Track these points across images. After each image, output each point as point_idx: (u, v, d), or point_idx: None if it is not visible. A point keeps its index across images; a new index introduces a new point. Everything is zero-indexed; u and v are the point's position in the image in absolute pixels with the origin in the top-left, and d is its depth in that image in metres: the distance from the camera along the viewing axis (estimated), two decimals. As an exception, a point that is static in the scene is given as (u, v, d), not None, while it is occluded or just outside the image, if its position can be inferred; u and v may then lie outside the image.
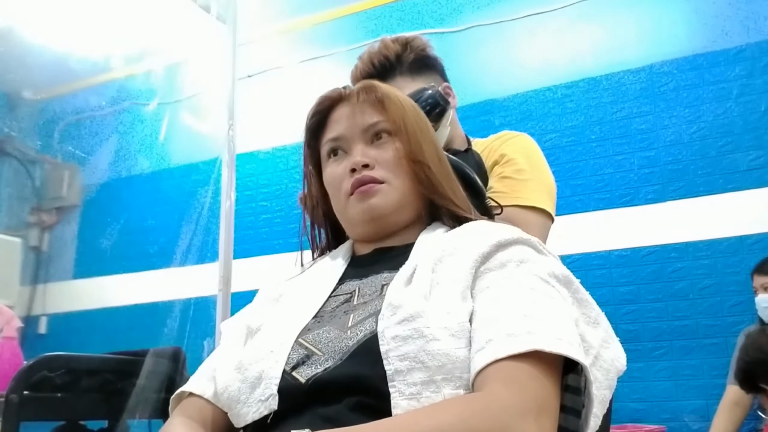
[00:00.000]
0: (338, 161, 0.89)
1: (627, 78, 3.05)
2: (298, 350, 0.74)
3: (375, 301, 0.76)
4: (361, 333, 0.72)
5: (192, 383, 0.83)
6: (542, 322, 0.67)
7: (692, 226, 2.80)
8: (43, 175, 4.39)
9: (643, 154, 2.95)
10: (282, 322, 0.80)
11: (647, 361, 2.76)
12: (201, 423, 0.79)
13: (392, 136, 0.88)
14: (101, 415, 1.79)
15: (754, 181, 2.74)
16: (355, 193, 0.86)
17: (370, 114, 0.88)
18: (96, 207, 4.23)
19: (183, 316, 2.83)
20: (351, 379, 0.68)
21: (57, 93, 4.41)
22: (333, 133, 0.90)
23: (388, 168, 0.86)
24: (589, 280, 2.83)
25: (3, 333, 1.84)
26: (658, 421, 2.66)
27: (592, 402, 0.67)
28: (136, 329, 3.45)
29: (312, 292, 0.85)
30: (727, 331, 2.65)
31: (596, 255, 2.92)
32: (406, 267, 0.78)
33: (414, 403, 0.64)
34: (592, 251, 2.93)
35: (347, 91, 0.92)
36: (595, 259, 2.92)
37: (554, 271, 0.75)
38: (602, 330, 0.74)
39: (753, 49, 2.85)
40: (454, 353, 0.66)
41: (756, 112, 2.81)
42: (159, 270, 3.76)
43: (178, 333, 2.60)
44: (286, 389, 0.71)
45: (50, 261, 4.29)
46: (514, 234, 0.79)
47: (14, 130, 4.26)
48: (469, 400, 0.63)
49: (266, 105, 3.75)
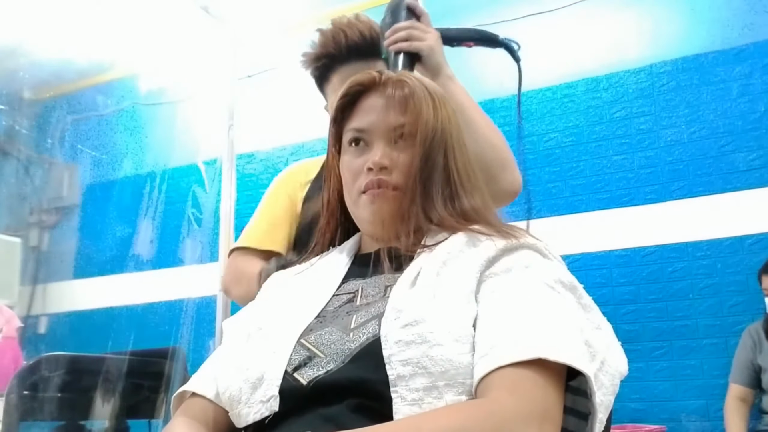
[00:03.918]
0: (358, 153, 0.87)
1: (627, 78, 3.05)
2: (300, 351, 0.73)
3: (378, 303, 0.76)
4: (364, 336, 0.71)
5: (194, 383, 0.82)
6: (546, 329, 0.66)
7: (692, 226, 2.80)
8: (43, 175, 4.39)
9: (643, 154, 2.95)
10: (284, 322, 0.79)
11: (647, 361, 2.76)
12: (203, 423, 0.78)
13: (415, 140, 0.85)
14: (101, 415, 1.79)
15: (754, 181, 2.74)
16: (368, 193, 0.84)
17: (398, 113, 0.85)
18: (96, 207, 4.23)
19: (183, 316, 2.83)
20: (353, 382, 0.68)
21: (57, 93, 4.41)
22: (359, 122, 0.88)
23: (405, 173, 0.84)
24: (589, 280, 2.83)
25: (3, 333, 1.84)
26: (658, 421, 2.66)
27: (598, 409, 0.66)
28: (137, 329, 3.45)
29: (315, 291, 0.84)
30: (727, 331, 2.65)
31: (596, 255, 2.92)
32: (411, 269, 0.77)
33: (416, 408, 0.64)
34: (592, 251, 2.93)
35: (382, 78, 0.88)
36: (595, 259, 2.92)
37: (560, 277, 0.75)
38: (606, 335, 0.74)
39: (753, 49, 2.86)
40: (458, 359, 0.66)
41: (756, 112, 2.81)
42: (159, 270, 3.76)
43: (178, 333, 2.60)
44: (288, 391, 0.70)
45: (50, 261, 4.29)
46: (520, 238, 0.78)
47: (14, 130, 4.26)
48: (472, 406, 0.63)
49: (266, 105, 3.75)
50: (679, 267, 2.80)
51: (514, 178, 1.24)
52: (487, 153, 1.19)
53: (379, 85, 0.88)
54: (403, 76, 0.89)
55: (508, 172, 1.23)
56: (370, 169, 0.84)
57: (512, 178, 1.24)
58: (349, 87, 0.90)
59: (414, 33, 1.23)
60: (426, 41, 1.23)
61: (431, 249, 0.79)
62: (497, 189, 1.21)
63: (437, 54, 1.24)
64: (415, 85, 0.87)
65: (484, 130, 1.22)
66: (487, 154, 1.19)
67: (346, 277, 0.86)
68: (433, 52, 1.24)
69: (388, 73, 0.90)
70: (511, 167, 1.24)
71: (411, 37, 1.23)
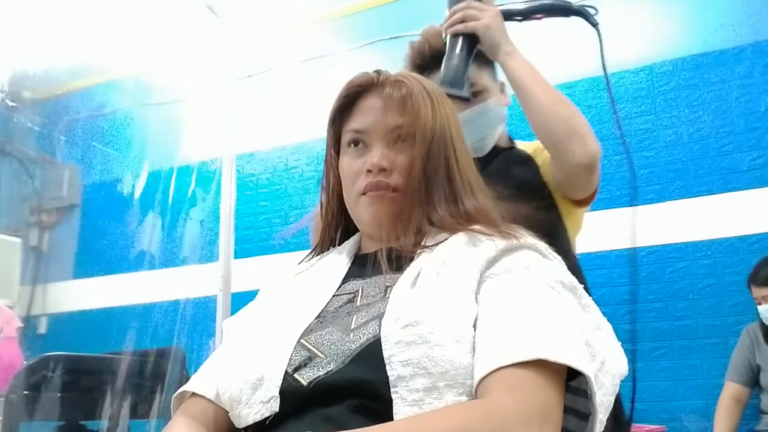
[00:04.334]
0: (357, 154, 0.87)
1: (627, 78, 3.05)
2: (300, 352, 0.73)
3: (378, 304, 0.76)
4: (364, 336, 0.71)
5: (194, 383, 0.82)
6: (547, 329, 0.66)
7: (692, 226, 2.80)
8: (43, 175, 4.39)
9: (643, 154, 2.95)
10: (284, 322, 0.79)
11: (647, 361, 2.75)
12: (203, 423, 0.78)
13: (414, 141, 0.84)
14: (101, 415, 1.79)
15: (754, 181, 2.74)
16: (367, 195, 0.84)
17: (396, 114, 0.85)
18: (96, 207, 4.23)
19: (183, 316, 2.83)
20: (353, 383, 0.68)
21: (57, 93, 4.40)
22: (357, 123, 0.87)
23: (404, 175, 0.84)
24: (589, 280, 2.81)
25: (3, 333, 1.84)
26: (658, 421, 2.66)
27: (599, 409, 0.66)
28: (137, 329, 3.45)
29: (315, 291, 0.84)
30: (727, 331, 2.65)
31: (596, 255, 2.92)
32: (411, 269, 0.77)
33: (416, 409, 0.64)
34: (592, 251, 2.92)
35: (380, 79, 0.88)
36: (595, 259, 2.92)
37: (560, 277, 0.75)
38: (606, 335, 0.74)
39: (753, 49, 2.85)
40: (458, 359, 0.66)
41: (756, 112, 2.80)
42: (159, 270, 3.75)
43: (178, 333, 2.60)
44: (288, 391, 0.70)
45: (50, 261, 4.29)
46: (521, 239, 0.78)
47: (14, 130, 4.26)
48: (473, 407, 0.63)
49: (266, 105, 3.75)
50: (679, 267, 2.80)
51: (584, 150, 1.17)
52: (552, 126, 1.16)
53: (377, 86, 0.88)
54: (402, 76, 0.88)
55: (575, 143, 1.17)
56: (369, 170, 0.84)
57: (581, 150, 1.17)
58: (348, 88, 0.89)
59: (469, 13, 1.20)
60: (481, 20, 1.20)
61: (431, 249, 0.79)
62: (565, 162, 1.18)
63: (494, 31, 1.21)
64: (413, 85, 0.87)
65: (549, 104, 1.18)
66: (553, 127, 1.16)
67: (346, 277, 0.86)
68: (489, 30, 1.20)
69: (386, 73, 0.89)
70: (578, 139, 1.17)
71: (466, 17, 1.20)
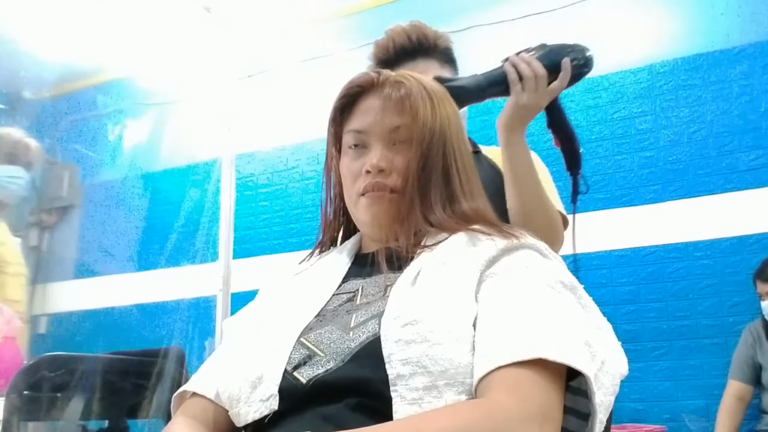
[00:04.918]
0: (357, 155, 0.87)
1: (627, 78, 3.05)
2: (300, 350, 0.73)
3: (378, 302, 0.76)
4: (364, 335, 0.71)
5: (194, 382, 0.82)
6: (547, 329, 0.66)
7: (692, 226, 2.80)
8: (43, 175, 4.39)
9: (643, 154, 2.95)
10: (284, 321, 0.79)
11: (647, 361, 2.75)
12: (204, 423, 0.78)
13: (412, 142, 0.84)
14: (101, 415, 1.79)
15: (754, 181, 2.74)
16: (366, 196, 0.84)
17: (394, 114, 0.85)
18: (96, 207, 4.23)
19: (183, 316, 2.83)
20: (352, 381, 0.68)
21: (57, 93, 4.40)
22: (357, 124, 0.87)
23: (402, 175, 0.83)
24: (589, 280, 2.83)
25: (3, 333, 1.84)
26: (658, 421, 2.66)
27: (598, 409, 0.66)
28: (136, 329, 3.45)
29: (315, 290, 0.84)
30: (727, 331, 2.65)
31: (596, 255, 2.92)
32: (411, 268, 0.77)
33: (416, 408, 0.64)
34: (592, 251, 2.93)
35: (380, 79, 0.88)
36: (595, 259, 2.92)
37: (560, 277, 0.75)
38: (606, 335, 0.74)
39: (753, 49, 2.85)
40: (457, 358, 0.66)
41: (756, 112, 2.80)
42: (159, 270, 3.75)
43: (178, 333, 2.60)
44: (287, 390, 0.70)
45: (50, 261, 4.28)
46: (521, 238, 0.78)
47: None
48: (472, 406, 0.63)
49: (266, 105, 3.75)
50: (679, 267, 2.80)
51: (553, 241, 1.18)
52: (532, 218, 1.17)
53: (377, 86, 0.88)
54: (401, 77, 0.88)
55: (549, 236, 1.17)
56: (368, 171, 0.84)
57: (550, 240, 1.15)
58: (348, 88, 0.89)
59: (530, 84, 1.17)
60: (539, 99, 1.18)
61: (431, 249, 0.79)
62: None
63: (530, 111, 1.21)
64: (413, 85, 0.86)
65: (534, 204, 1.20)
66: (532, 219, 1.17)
67: (346, 276, 0.86)
68: (531, 108, 1.20)
69: (386, 73, 0.89)
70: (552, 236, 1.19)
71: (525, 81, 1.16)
